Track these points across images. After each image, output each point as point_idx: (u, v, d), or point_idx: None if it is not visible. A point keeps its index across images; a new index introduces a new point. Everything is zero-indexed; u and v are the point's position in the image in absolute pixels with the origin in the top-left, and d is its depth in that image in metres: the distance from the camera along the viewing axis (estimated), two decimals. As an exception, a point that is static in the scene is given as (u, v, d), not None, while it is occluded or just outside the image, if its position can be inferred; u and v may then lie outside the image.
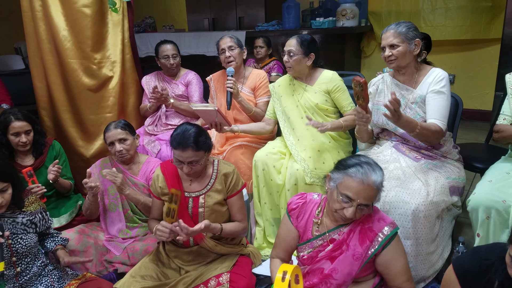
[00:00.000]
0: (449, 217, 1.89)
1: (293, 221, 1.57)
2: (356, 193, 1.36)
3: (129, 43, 2.72)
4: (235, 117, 2.55)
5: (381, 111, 1.97)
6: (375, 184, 1.36)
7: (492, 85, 4.12)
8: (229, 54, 2.46)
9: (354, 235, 1.44)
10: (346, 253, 1.43)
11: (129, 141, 2.06)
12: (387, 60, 1.92)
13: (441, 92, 1.83)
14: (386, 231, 1.42)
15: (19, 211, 1.62)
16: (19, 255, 1.57)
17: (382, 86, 2.05)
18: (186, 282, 1.66)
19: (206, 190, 1.74)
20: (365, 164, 1.38)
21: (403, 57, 1.88)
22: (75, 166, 2.62)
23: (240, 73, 2.58)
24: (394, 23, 1.90)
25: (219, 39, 2.55)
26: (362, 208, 1.38)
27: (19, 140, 2.12)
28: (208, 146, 1.68)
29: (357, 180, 1.35)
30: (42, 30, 2.57)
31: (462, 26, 4.09)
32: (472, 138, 3.72)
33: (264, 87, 2.53)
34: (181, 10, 6.11)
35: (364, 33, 4.69)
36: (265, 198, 2.25)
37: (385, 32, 1.91)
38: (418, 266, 1.75)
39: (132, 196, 1.98)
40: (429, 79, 1.88)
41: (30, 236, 1.62)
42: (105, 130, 2.07)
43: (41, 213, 1.69)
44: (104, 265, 1.98)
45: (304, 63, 2.18)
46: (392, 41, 1.86)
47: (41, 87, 2.70)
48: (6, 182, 1.51)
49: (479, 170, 2.23)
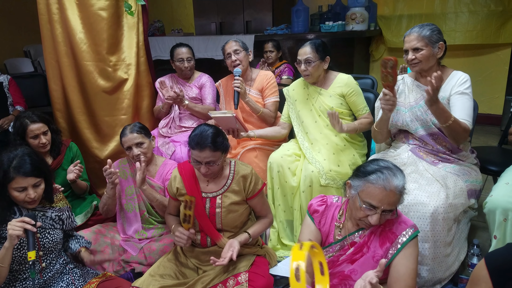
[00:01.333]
0: (466, 219, 1.90)
1: (317, 224, 1.55)
2: (380, 201, 1.33)
3: (144, 46, 2.74)
4: (244, 118, 2.56)
5: (401, 112, 1.98)
6: (398, 189, 1.33)
7: (501, 89, 4.14)
8: (235, 57, 2.49)
9: (375, 237, 1.43)
10: (367, 255, 1.43)
11: (146, 144, 2.07)
12: (410, 63, 1.91)
13: (465, 94, 1.84)
14: (407, 233, 1.40)
15: (48, 205, 1.67)
16: (45, 250, 1.61)
17: (403, 87, 2.04)
18: (205, 281, 1.68)
19: (223, 191, 1.76)
20: (385, 169, 1.35)
21: (427, 61, 1.87)
22: (89, 168, 2.64)
23: (247, 76, 2.60)
24: (418, 26, 1.89)
25: (224, 44, 2.57)
26: (386, 214, 1.37)
27: (39, 141, 2.15)
28: (225, 147, 1.71)
29: (379, 187, 1.32)
30: (59, 33, 2.60)
31: (472, 31, 4.11)
32: (482, 142, 3.73)
33: (271, 87, 2.54)
34: (188, 14, 6.16)
35: (373, 37, 4.71)
36: (279, 200, 2.27)
37: (409, 34, 1.89)
38: (435, 269, 1.76)
39: (148, 192, 1.99)
40: (452, 81, 1.89)
41: (56, 232, 1.66)
42: (121, 135, 2.07)
43: (67, 211, 1.73)
44: (121, 265, 1.99)
45: (321, 68, 2.21)
46: (415, 44, 1.85)
47: (57, 89, 2.72)
48: (39, 177, 1.55)
49: (493, 173, 2.24)
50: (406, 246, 1.39)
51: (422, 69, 1.91)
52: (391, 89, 1.76)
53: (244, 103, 2.44)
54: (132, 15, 2.64)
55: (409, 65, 1.94)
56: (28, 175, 1.52)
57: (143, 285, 1.64)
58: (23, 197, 1.53)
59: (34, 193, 1.54)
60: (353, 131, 2.14)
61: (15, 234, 1.40)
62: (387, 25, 4.56)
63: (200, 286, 1.66)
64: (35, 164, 1.54)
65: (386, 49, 4.72)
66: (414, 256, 1.39)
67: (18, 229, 1.40)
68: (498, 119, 4.18)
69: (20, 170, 1.50)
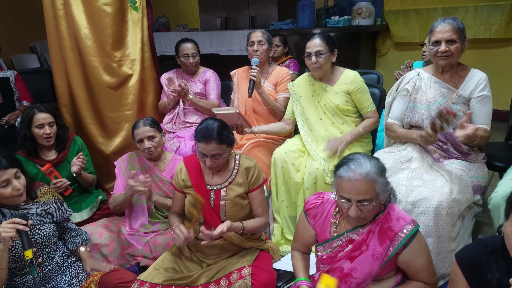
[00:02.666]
0: (470, 215, 1.88)
1: (310, 220, 1.57)
2: (348, 192, 1.34)
3: (148, 41, 2.75)
4: (254, 108, 2.58)
5: (417, 108, 1.95)
6: (364, 176, 1.33)
7: (509, 85, 4.09)
8: (257, 48, 2.52)
9: (374, 235, 1.42)
10: (366, 253, 1.43)
11: (157, 138, 2.10)
12: (441, 56, 1.81)
13: (486, 96, 1.83)
14: (407, 229, 1.39)
15: (32, 202, 1.67)
16: (39, 245, 1.61)
17: (420, 82, 1.97)
18: (208, 275, 1.69)
19: (228, 183, 1.77)
20: (350, 161, 1.37)
21: (458, 55, 1.81)
22: (95, 163, 2.65)
23: (264, 69, 2.62)
24: (448, 18, 1.80)
25: (251, 31, 2.60)
26: (365, 204, 1.35)
27: (44, 132, 2.17)
28: (231, 140, 1.73)
29: (346, 178, 1.34)
30: (64, 28, 2.61)
31: (480, 25, 4.06)
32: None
33: (285, 83, 2.56)
34: (193, 9, 6.16)
35: (379, 32, 4.68)
36: (283, 196, 2.27)
37: (442, 25, 1.79)
38: (439, 264, 1.75)
39: (159, 202, 2.01)
40: (472, 82, 1.85)
41: (47, 226, 1.66)
42: (134, 127, 2.11)
43: (55, 203, 1.72)
44: (127, 259, 2.01)
45: (330, 61, 2.21)
46: (451, 36, 1.77)
47: (62, 85, 2.74)
48: (16, 167, 1.57)
49: (500, 169, 2.22)
50: (412, 244, 1.39)
51: (451, 63, 1.84)
52: (435, 133, 1.70)
53: (257, 93, 2.45)
54: (136, 10, 2.64)
55: (434, 57, 1.85)
56: (7, 167, 1.53)
57: (148, 278, 1.66)
58: (10, 192, 1.54)
59: (19, 184, 1.56)
60: (358, 137, 2.16)
61: (8, 236, 1.39)
62: (394, 20, 4.52)
63: (204, 279, 1.68)
64: (7, 156, 1.57)
65: (392, 44, 4.68)
66: (422, 249, 1.42)
67: (10, 230, 1.40)
68: (506, 115, 4.13)
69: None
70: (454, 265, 1.23)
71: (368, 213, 1.38)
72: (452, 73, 1.90)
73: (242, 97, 2.61)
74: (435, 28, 1.83)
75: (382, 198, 1.39)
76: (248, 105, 2.56)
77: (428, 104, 1.92)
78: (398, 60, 4.45)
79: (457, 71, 1.90)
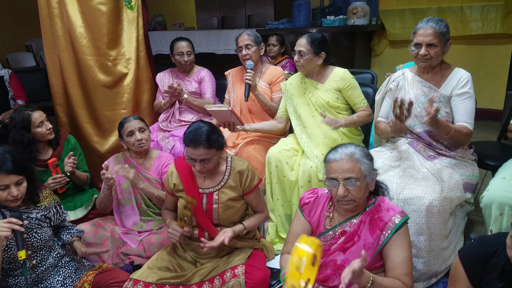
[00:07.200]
0: (462, 214, 1.90)
1: (306, 216, 1.59)
2: (335, 171, 1.42)
3: (144, 40, 2.75)
4: (249, 108, 2.58)
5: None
6: (351, 156, 1.42)
7: (503, 84, 4.11)
8: (246, 52, 2.52)
9: (365, 225, 1.45)
10: (358, 244, 1.45)
11: (147, 131, 2.14)
12: (420, 58, 1.84)
13: (467, 94, 1.83)
14: (396, 219, 1.41)
15: (33, 206, 1.65)
16: (34, 248, 1.61)
17: (403, 82, 2.02)
18: (202, 273, 1.70)
19: (220, 187, 1.76)
20: (338, 147, 1.48)
21: (437, 58, 1.84)
22: (90, 162, 2.66)
23: (257, 69, 2.62)
24: (432, 20, 1.82)
25: (238, 36, 2.59)
26: (352, 183, 1.40)
27: (45, 128, 2.19)
28: (220, 144, 1.69)
29: (332, 160, 1.44)
30: (59, 27, 2.61)
31: (474, 21, 4.07)
32: (483, 137, 3.71)
33: (279, 83, 2.56)
34: (189, 8, 6.15)
35: (375, 32, 4.69)
36: (278, 194, 2.28)
37: (424, 28, 1.81)
38: (431, 262, 1.77)
39: (146, 190, 2.02)
40: (454, 81, 1.87)
41: (44, 230, 1.66)
42: (123, 122, 2.12)
43: (55, 207, 1.73)
44: (121, 258, 2.01)
45: (315, 62, 2.20)
46: (431, 40, 1.79)
47: (57, 83, 2.74)
48: (21, 175, 1.55)
49: (491, 168, 2.24)
50: (396, 234, 1.40)
51: (430, 65, 1.87)
52: (400, 121, 1.72)
53: (253, 96, 2.46)
54: (131, 9, 2.64)
55: (415, 59, 1.88)
56: (10, 173, 1.51)
57: (142, 277, 1.66)
58: (5, 196, 1.52)
59: (17, 191, 1.53)
60: (352, 124, 2.14)
61: (3, 235, 1.39)
62: (389, 20, 4.53)
63: (198, 278, 1.69)
64: (16, 162, 1.54)
65: (387, 44, 4.70)
66: (406, 243, 1.42)
67: (5, 230, 1.39)
68: (499, 114, 4.16)
69: (2, 168, 1.50)
70: (456, 263, 1.24)
71: (356, 194, 1.41)
72: (435, 73, 1.93)
73: (237, 96, 2.61)
74: (418, 30, 1.85)
75: (369, 181, 1.45)
76: (244, 104, 2.57)
77: None
78: (393, 60, 4.47)
79: (440, 70, 1.92)
